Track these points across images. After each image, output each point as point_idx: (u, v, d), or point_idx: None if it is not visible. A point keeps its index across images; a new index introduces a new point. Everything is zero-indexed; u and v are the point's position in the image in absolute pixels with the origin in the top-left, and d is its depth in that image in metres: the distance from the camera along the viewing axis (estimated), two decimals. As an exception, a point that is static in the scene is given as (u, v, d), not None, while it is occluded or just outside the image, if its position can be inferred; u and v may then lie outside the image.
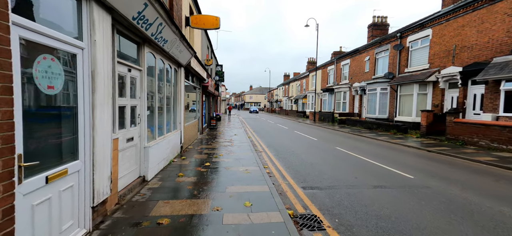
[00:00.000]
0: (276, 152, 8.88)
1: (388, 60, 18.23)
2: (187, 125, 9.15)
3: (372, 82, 19.07)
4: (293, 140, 12.19)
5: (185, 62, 7.47)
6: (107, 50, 3.14)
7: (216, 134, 13.38)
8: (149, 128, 5.34)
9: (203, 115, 14.46)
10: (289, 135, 14.06)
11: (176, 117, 7.59)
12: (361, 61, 21.96)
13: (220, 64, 22.86)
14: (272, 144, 10.93)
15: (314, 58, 46.95)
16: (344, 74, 25.55)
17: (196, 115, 11.85)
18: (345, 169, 6.54)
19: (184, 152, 7.99)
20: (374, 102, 19.01)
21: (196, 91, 11.73)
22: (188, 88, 10.20)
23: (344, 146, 10.32)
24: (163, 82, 6.18)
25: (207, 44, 16.11)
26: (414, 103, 14.74)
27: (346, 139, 12.88)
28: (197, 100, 11.79)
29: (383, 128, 15.88)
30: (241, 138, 12.12)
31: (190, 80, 10.03)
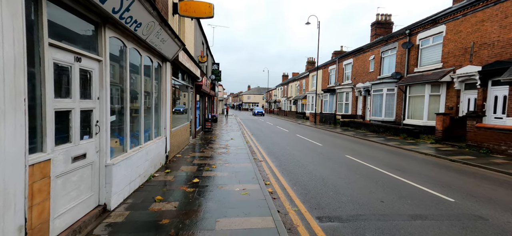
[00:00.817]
0: (278, 162, 7.67)
1: (395, 59, 17.13)
2: (176, 130, 7.91)
3: (377, 83, 17.96)
4: (295, 145, 11.00)
5: (171, 55, 6.23)
6: (15, 17, 1.91)
7: (210, 138, 12.14)
8: (118, 138, 4.10)
9: (196, 117, 13.21)
10: (291, 140, 12.87)
11: (160, 121, 6.35)
12: (365, 61, 20.86)
13: (217, 62, 21.61)
14: (273, 150, 9.72)
15: (314, 58, 45.94)
16: (347, 74, 24.44)
17: (188, 117, 10.61)
18: (365, 187, 5.35)
19: (170, 163, 6.75)
20: (379, 104, 17.90)
21: (188, 91, 10.48)
22: (179, 87, 8.96)
23: (354, 154, 9.14)
24: (140, 79, 4.95)
25: (202, 39, 14.87)
26: (425, 105, 13.63)
27: (353, 144, 11.71)
28: (189, 99, 10.55)
29: (391, 132, 14.75)
30: (238, 142, 10.90)
31: (180, 78, 8.79)
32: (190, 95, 10.56)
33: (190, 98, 10.93)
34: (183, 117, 9.81)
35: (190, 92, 11.01)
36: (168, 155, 6.84)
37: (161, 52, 5.50)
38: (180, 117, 9.30)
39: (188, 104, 10.55)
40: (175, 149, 7.81)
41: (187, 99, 10.51)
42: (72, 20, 2.96)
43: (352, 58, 23.26)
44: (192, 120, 11.63)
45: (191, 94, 11.38)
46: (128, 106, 4.28)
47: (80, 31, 3.15)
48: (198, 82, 11.82)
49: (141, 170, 4.76)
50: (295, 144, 11.45)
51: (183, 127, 9.14)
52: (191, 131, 11.63)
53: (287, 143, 11.73)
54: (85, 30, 3.22)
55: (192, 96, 11.52)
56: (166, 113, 6.47)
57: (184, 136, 9.43)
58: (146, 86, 5.41)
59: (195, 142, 10.73)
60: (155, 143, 5.65)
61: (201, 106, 15.63)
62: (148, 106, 5.59)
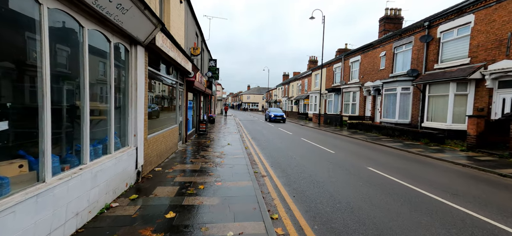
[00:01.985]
0: (286, 178, 5.98)
1: (410, 55, 15.47)
2: (156, 135, 6.22)
3: (390, 81, 16.30)
4: (303, 152, 9.32)
5: (144, 36, 4.56)
6: None
7: (204, 144, 10.45)
8: (26, 159, 2.42)
9: (188, 119, 11.52)
10: (296, 145, 11.19)
11: (127, 126, 4.67)
12: (375, 57, 19.20)
13: (214, 59, 19.95)
14: (278, 160, 8.04)
15: (316, 57, 44.32)
16: (354, 72, 22.78)
17: (177, 119, 8.92)
18: (419, 225, 3.68)
19: (144, 181, 5.06)
20: (392, 104, 16.23)
21: (176, 87, 8.80)
22: (163, 82, 7.28)
23: (376, 165, 7.47)
24: (82, 62, 3.26)
25: (196, 30, 13.18)
26: (449, 106, 11.97)
27: (369, 151, 10.04)
28: (177, 97, 8.86)
29: (409, 136, 13.09)
30: (235, 149, 9.22)
31: (163, 71, 7.11)
32: (178, 92, 8.87)
33: (178, 95, 9.24)
34: (169, 118, 8.12)
35: (179, 89, 9.33)
36: (141, 171, 5.16)
37: (122, 27, 3.82)
38: (165, 119, 7.62)
39: (177, 103, 8.86)
40: (154, 160, 6.12)
41: (176, 97, 8.82)
42: None
43: (359, 55, 21.60)
44: (182, 122, 9.95)
45: (181, 91, 9.69)
46: (47, 104, 2.59)
47: None
48: (190, 78, 10.14)
49: (81, 204, 3.08)
50: (302, 150, 9.77)
51: (168, 131, 7.45)
52: (181, 135, 9.95)
53: (292, 149, 10.05)
54: None
55: (182, 94, 9.84)
56: (136, 114, 4.79)
57: (170, 142, 7.75)
58: (96, 75, 3.73)
59: (185, 149, 9.04)
60: (115, 158, 3.96)
61: (195, 105, 13.95)
62: (105, 102, 3.91)
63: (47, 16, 2.59)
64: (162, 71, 6.91)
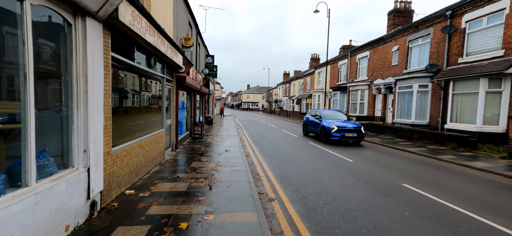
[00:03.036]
0: (303, 205, 4.44)
1: (429, 49, 13.94)
2: (127, 147, 4.68)
3: (405, 78, 14.78)
4: (316, 161, 7.78)
5: (93, 2, 3.02)
6: None
7: (197, 150, 8.92)
8: None
9: (180, 121, 9.99)
10: (305, 150, 9.66)
11: (73, 136, 3.13)
12: (387, 53, 17.67)
13: (212, 55, 18.40)
14: (286, 173, 6.51)
15: (318, 54, 42.86)
16: (361, 69, 21.26)
17: (163, 122, 7.38)
18: None
19: (101, 216, 3.53)
20: (408, 103, 14.72)
21: (162, 83, 7.26)
22: (142, 77, 5.73)
23: (410, 179, 5.95)
24: None
25: (189, 19, 11.63)
26: (479, 105, 10.45)
27: (392, 159, 8.53)
28: (163, 96, 7.31)
29: (431, 139, 11.57)
30: (234, 157, 7.69)
31: (143, 63, 5.58)
32: (164, 90, 7.32)
33: (166, 94, 7.70)
34: (152, 121, 6.58)
35: (167, 86, 7.79)
36: (100, 199, 3.63)
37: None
38: (145, 123, 6.08)
39: (163, 103, 7.31)
40: (125, 179, 4.59)
41: (162, 96, 7.28)
42: None
43: (368, 51, 20.08)
44: (171, 126, 8.41)
45: (169, 89, 8.16)
46: None
47: None
48: (181, 73, 8.61)
49: None
50: (313, 158, 8.25)
51: (149, 139, 5.92)
52: (171, 141, 8.42)
53: (302, 157, 8.52)
54: None
55: (171, 92, 8.31)
56: (88, 119, 3.25)
57: (153, 152, 6.22)
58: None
59: (173, 158, 7.51)
60: (34, 193, 2.43)
61: (189, 106, 12.42)
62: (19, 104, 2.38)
63: None
64: (140, 63, 5.37)
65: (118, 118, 4.50)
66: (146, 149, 5.71)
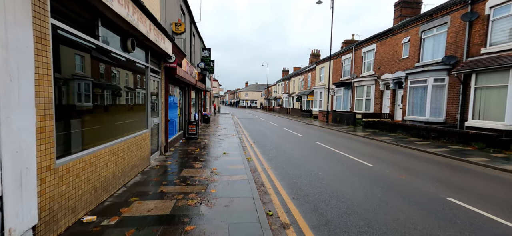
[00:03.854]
0: (330, 233, 3.25)
1: (445, 39, 12.77)
2: (87, 155, 3.44)
3: (418, 71, 13.62)
4: (331, 167, 6.58)
5: None
6: None
7: (190, 154, 7.68)
8: None
9: (171, 120, 8.75)
10: (314, 152, 8.46)
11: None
12: (396, 45, 16.49)
13: (208, 48, 17.10)
14: (298, 183, 5.30)
15: (319, 51, 41.71)
16: (367, 64, 20.09)
17: (148, 121, 6.12)
18: None
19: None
20: (421, 99, 13.57)
21: (146, 74, 6.00)
22: (114, 63, 4.47)
23: (460, 194, 4.78)
24: None
25: (181, 3, 10.30)
26: (508, 100, 9.30)
27: (418, 163, 7.36)
28: (147, 89, 6.05)
29: (451, 139, 10.42)
30: (234, 162, 6.47)
31: (116, 43, 4.32)
32: (148, 82, 6.06)
33: (152, 88, 6.45)
34: (132, 121, 5.32)
35: (153, 78, 6.53)
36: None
37: None
38: (122, 124, 4.83)
39: (147, 98, 6.05)
40: (87, 200, 3.36)
41: (146, 90, 6.01)
42: None
43: (375, 44, 18.88)
44: (159, 125, 7.16)
45: (156, 82, 6.90)
46: None
47: None
48: (170, 64, 7.34)
49: None
50: (326, 162, 7.05)
51: (126, 143, 4.68)
52: (159, 143, 7.17)
53: (312, 160, 7.31)
54: None
55: (158, 86, 7.05)
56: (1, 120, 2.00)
57: (132, 159, 4.98)
58: None
59: (161, 164, 6.27)
60: None
61: (183, 102, 11.16)
62: None
63: None
64: (110, 44, 4.12)
65: (77, 118, 3.26)
66: (121, 156, 4.46)
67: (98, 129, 3.89)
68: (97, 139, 3.79)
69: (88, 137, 3.55)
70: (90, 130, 3.64)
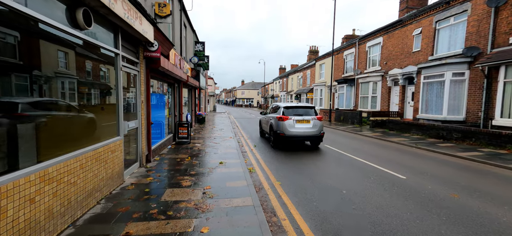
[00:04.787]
0: None
1: (464, 29, 11.54)
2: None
3: (433, 65, 12.39)
4: (354, 180, 5.22)
5: None
6: None
7: (179, 165, 6.25)
8: None
9: (154, 122, 7.30)
10: (327, 159, 7.10)
11: None
12: (405, 37, 15.24)
13: (202, 41, 15.60)
14: (322, 207, 3.92)
15: (317, 47, 40.46)
16: (373, 59, 18.83)
17: (119, 126, 4.66)
18: None
19: None
20: (437, 96, 12.35)
21: (117, 63, 4.53)
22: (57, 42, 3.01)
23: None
24: None
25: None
26: (548, 95, 8.10)
27: (452, 170, 6.06)
28: (119, 84, 4.58)
29: (479, 140, 9.19)
30: (233, 179, 5.06)
31: (65, 18, 2.86)
32: (119, 75, 4.58)
33: (126, 82, 4.99)
34: (99, 127, 3.87)
35: (128, 70, 5.07)
36: None
37: None
38: (85, 128, 3.38)
39: (119, 96, 4.58)
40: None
41: (117, 85, 4.55)
42: None
43: (381, 37, 17.62)
44: (139, 130, 5.70)
45: (134, 74, 5.44)
46: None
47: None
48: (152, 53, 5.88)
49: None
50: (345, 172, 5.70)
51: (80, 159, 3.25)
52: (138, 153, 5.72)
53: (328, 170, 5.95)
54: None
55: (137, 80, 5.59)
56: None
57: (91, 181, 3.54)
58: None
59: (138, 181, 4.82)
60: None
61: (173, 101, 9.69)
62: None
63: None
64: (39, 10, 2.67)
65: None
66: (68, 181, 3.02)
67: (26, 142, 2.44)
68: (24, 159, 2.35)
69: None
70: (8, 144, 2.19)
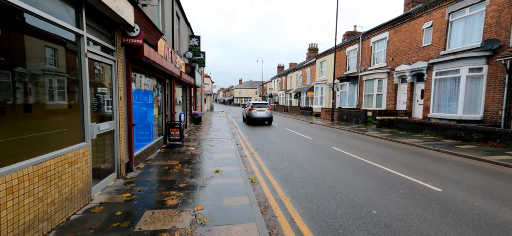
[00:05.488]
0: None
1: (482, 20, 10.64)
2: None
3: (447, 60, 11.49)
4: (384, 196, 4.25)
5: None
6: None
7: (166, 175, 5.23)
8: None
9: (134, 124, 6.27)
10: (340, 165, 6.13)
11: None
12: (414, 31, 14.33)
13: (197, 36, 14.54)
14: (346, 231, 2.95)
15: (317, 45, 39.56)
16: (378, 55, 17.92)
17: (86, 129, 3.63)
18: None
19: None
20: (451, 93, 11.46)
21: (80, 46, 3.48)
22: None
23: None
24: None
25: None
26: None
27: (492, 180, 5.13)
28: (83, 74, 3.55)
29: (505, 141, 8.29)
30: (231, 195, 4.05)
31: None
32: (85, 63, 3.55)
33: (82, 69, 3.95)
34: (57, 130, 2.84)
35: (99, 58, 4.03)
36: None
37: None
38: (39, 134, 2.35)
39: (83, 91, 3.55)
40: None
41: (79, 75, 3.52)
42: None
43: (387, 32, 16.71)
44: (116, 133, 4.66)
45: (109, 65, 4.40)
46: None
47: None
48: (133, 39, 4.83)
49: None
50: (367, 184, 4.73)
51: (17, 175, 2.19)
52: (116, 161, 4.67)
53: (347, 182, 4.97)
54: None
55: (113, 72, 4.55)
56: None
57: (36, 208, 2.50)
58: None
59: (110, 200, 3.79)
60: None
61: (163, 99, 8.64)
62: None
63: None
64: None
65: None
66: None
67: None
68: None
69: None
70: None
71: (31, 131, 2.66)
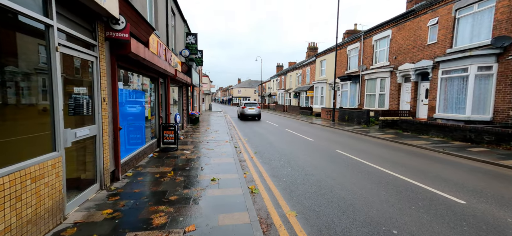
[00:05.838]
0: None
1: (492, 16, 10.18)
2: None
3: (454, 58, 11.03)
4: (404, 211, 3.75)
5: None
6: None
7: (156, 185, 4.70)
8: None
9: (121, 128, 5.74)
10: (347, 171, 5.63)
11: None
12: (419, 29, 13.86)
13: (194, 33, 13.98)
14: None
15: (316, 44, 39.07)
16: (380, 53, 17.45)
17: (57, 135, 3.10)
18: None
19: None
20: (459, 93, 11.01)
21: (50, 37, 2.95)
22: None
23: None
24: None
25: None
26: None
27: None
28: (53, 68, 3.03)
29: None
30: (229, 210, 3.53)
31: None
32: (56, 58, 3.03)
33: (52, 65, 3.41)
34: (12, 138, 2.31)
35: (76, 52, 3.50)
36: None
37: None
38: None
39: (54, 89, 3.02)
40: None
41: (49, 72, 2.99)
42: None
43: (390, 29, 16.23)
44: (99, 138, 4.13)
45: (92, 61, 3.87)
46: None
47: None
48: (118, 33, 4.30)
49: None
50: (381, 195, 4.23)
51: None
52: (99, 169, 4.14)
53: (356, 191, 4.47)
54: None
55: (94, 69, 4.02)
56: None
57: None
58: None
59: (87, 219, 3.26)
60: None
61: (156, 99, 8.11)
62: None
63: None
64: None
65: None
66: None
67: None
68: None
69: None
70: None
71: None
